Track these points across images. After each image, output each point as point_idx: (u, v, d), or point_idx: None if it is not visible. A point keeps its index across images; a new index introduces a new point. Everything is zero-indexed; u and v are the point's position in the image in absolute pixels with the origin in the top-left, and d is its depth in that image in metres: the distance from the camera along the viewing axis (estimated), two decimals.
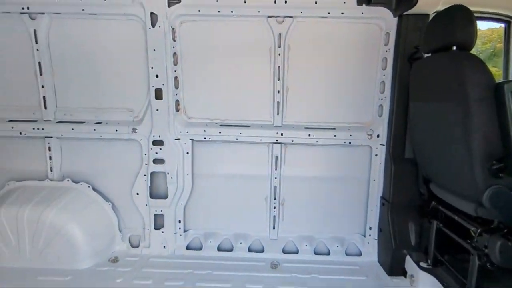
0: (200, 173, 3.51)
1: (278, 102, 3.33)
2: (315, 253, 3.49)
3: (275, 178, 3.46)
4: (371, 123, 3.36)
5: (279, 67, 3.26)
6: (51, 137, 3.49)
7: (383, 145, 3.30)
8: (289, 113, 3.38)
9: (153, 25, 3.17)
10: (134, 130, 3.38)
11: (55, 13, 3.25)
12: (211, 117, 3.42)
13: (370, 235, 3.46)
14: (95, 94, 3.45)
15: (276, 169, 3.44)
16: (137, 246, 3.55)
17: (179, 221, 3.51)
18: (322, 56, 3.27)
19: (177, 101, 3.36)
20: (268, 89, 3.33)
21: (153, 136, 3.37)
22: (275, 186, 3.47)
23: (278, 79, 3.29)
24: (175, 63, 3.29)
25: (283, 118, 3.38)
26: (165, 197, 3.45)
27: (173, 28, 3.22)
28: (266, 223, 3.56)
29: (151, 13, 3.14)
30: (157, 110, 3.31)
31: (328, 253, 3.50)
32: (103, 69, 3.40)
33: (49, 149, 3.53)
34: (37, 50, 3.34)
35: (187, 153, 3.41)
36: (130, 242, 3.57)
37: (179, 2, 3.15)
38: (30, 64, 3.39)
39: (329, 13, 3.11)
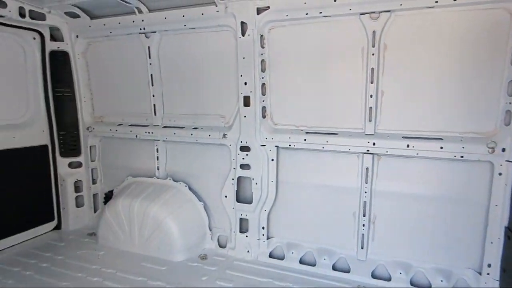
0: (285, 180, 3.45)
1: (370, 107, 3.00)
2: (412, 284, 3.01)
3: (365, 192, 3.11)
4: (493, 133, 2.68)
5: (372, 68, 2.92)
6: (159, 140, 4.00)
7: (511, 161, 2.61)
8: (383, 120, 3.00)
9: (243, 33, 3.27)
10: (224, 136, 3.55)
11: (164, 30, 3.71)
12: (297, 123, 3.32)
13: (488, 274, 2.76)
14: (194, 101, 3.78)
15: (366, 183, 3.10)
16: (224, 247, 3.72)
17: (263, 228, 3.52)
18: (426, 53, 2.79)
19: (263, 107, 3.39)
20: (359, 93, 3.03)
21: (241, 142, 3.47)
22: (365, 201, 3.13)
23: (371, 82, 2.95)
24: (263, 70, 3.32)
25: (376, 125, 3.02)
26: (250, 202, 3.52)
27: (262, 35, 3.26)
28: (353, 241, 3.24)
29: (242, 22, 3.25)
30: (245, 116, 3.40)
31: (429, 287, 2.98)
32: (201, 78, 3.69)
33: (157, 150, 4.05)
34: (150, 64, 3.87)
35: (272, 159, 3.40)
36: (218, 242, 3.77)
37: (267, 9, 3.18)
38: (145, 77, 3.95)
39: (436, 1, 2.63)
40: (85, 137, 4.39)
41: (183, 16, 3.48)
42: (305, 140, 3.20)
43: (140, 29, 3.76)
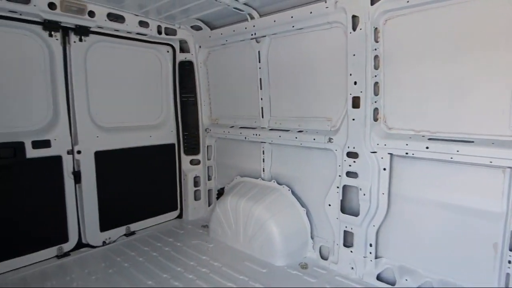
0: (399, 194, 2.95)
1: None
2: None
3: None
4: None
5: None
6: (265, 142, 4.03)
7: None
8: None
9: (354, 28, 2.95)
10: (330, 140, 3.29)
11: (273, 34, 3.70)
12: (416, 128, 2.78)
13: None
14: (300, 104, 3.66)
15: None
16: (326, 259, 3.45)
17: (370, 245, 3.10)
18: None
19: (375, 109, 2.98)
20: (504, 91, 2.32)
21: (348, 147, 3.15)
22: None
23: None
24: (376, 67, 2.93)
25: None
26: (357, 214, 3.15)
27: (376, 28, 2.87)
28: (492, 279, 2.50)
29: (353, 16, 2.94)
30: (353, 119, 3.06)
31: None
32: (307, 80, 3.54)
33: (263, 152, 4.09)
34: (259, 68, 3.93)
35: (384, 169, 2.96)
36: (320, 252, 3.53)
37: None
38: (254, 81, 4.03)
39: None
40: (203, 137, 4.83)
41: (292, 17, 3.39)
42: (427, 148, 2.64)
43: (252, 34, 3.86)
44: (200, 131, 4.85)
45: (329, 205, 3.36)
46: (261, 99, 4.00)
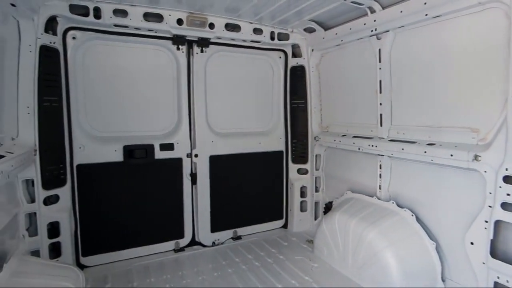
0: None
1: None
2: None
3: None
4: None
5: None
6: (383, 155, 3.40)
7: None
8: None
9: None
10: (476, 158, 2.46)
11: (398, 27, 3.08)
12: None
13: None
14: (432, 110, 2.92)
15: None
16: None
17: None
18: None
19: None
20: None
21: (506, 170, 2.28)
22: None
23: None
24: None
25: None
26: None
27: None
28: None
29: None
30: None
31: None
32: (443, 79, 2.80)
33: (380, 167, 3.47)
34: (380, 68, 3.34)
35: None
36: None
37: None
38: (372, 84, 3.46)
39: None
40: (312, 146, 4.47)
41: (425, 3, 2.72)
42: None
43: (372, 30, 3.32)
44: (309, 139, 4.52)
45: (472, 243, 2.53)
46: (380, 104, 3.39)
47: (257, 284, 3.25)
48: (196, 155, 4.13)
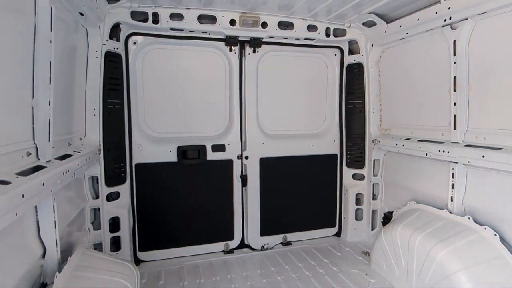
0: None
1: None
2: None
3: None
4: None
5: None
6: (457, 163, 2.92)
7: None
8: None
9: None
10: None
11: (480, 13, 2.61)
12: None
13: None
14: None
15: None
16: None
17: None
18: None
19: None
20: None
21: None
22: None
23: None
24: None
25: None
26: None
27: None
28: None
29: None
30: None
31: None
32: None
33: (453, 175, 2.99)
34: (454, 63, 2.88)
35: None
36: None
37: None
38: (444, 81, 3.02)
39: None
40: (370, 150, 4.08)
41: None
42: None
43: (445, 19, 2.88)
44: (366, 142, 4.14)
45: None
46: (454, 104, 2.91)
47: None
48: (246, 157, 4.04)
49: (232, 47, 3.89)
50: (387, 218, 3.79)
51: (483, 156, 2.61)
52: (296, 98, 4.25)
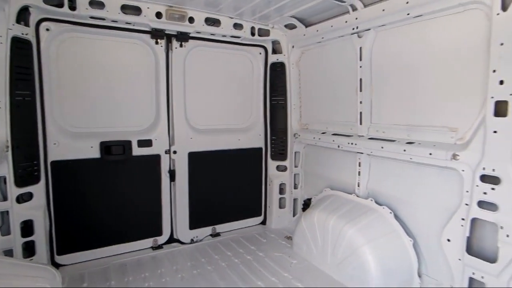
0: None
1: None
2: None
3: None
4: None
5: None
6: (362, 153, 3.29)
7: None
8: None
9: (504, 8, 2.04)
10: (454, 157, 2.39)
11: (379, 26, 2.96)
12: None
13: None
14: (411, 109, 2.83)
15: None
16: None
17: None
18: None
19: None
20: None
21: (483, 169, 2.22)
22: None
23: None
24: None
25: None
26: (493, 260, 2.20)
27: None
28: None
29: None
30: (495, 132, 2.13)
31: None
32: (423, 79, 2.70)
33: (359, 164, 3.36)
34: (360, 67, 3.22)
35: None
36: None
37: None
38: (353, 82, 3.34)
39: None
40: (292, 143, 4.30)
41: (407, 2, 2.60)
42: None
43: (353, 28, 3.19)
44: (288, 136, 4.34)
45: (448, 240, 2.47)
46: (360, 102, 3.26)
47: (237, 282, 3.09)
48: (174, 152, 3.88)
49: (158, 40, 3.67)
50: (307, 204, 4.07)
51: (382, 147, 3.00)
52: (223, 93, 4.23)
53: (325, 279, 3.09)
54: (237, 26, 3.94)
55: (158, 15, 3.46)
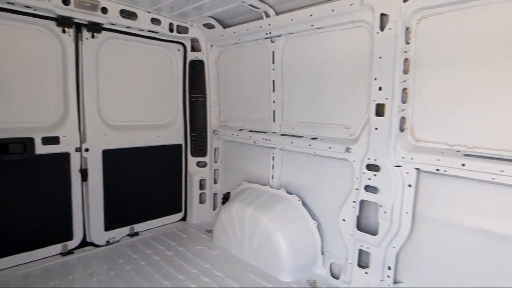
0: (426, 214, 2.43)
1: None
2: None
3: None
4: None
5: None
6: (275, 148, 3.54)
7: None
8: None
9: (382, 28, 2.46)
10: (348, 150, 2.79)
11: (289, 33, 3.22)
12: (450, 141, 2.27)
13: None
14: (315, 109, 3.16)
15: None
16: (337, 278, 2.97)
17: (389, 268, 2.59)
18: None
19: (402, 118, 2.47)
20: None
21: (368, 159, 2.65)
22: None
23: None
24: (406, 72, 2.42)
25: None
26: (375, 233, 2.65)
27: (408, 28, 2.36)
28: None
29: (381, 15, 2.44)
30: (376, 128, 2.56)
31: None
32: (325, 83, 3.05)
33: (273, 158, 3.60)
34: (273, 69, 3.44)
35: (409, 185, 2.44)
36: (330, 270, 3.05)
37: None
38: (267, 83, 3.55)
39: None
40: (211, 139, 4.35)
41: (311, 15, 2.91)
42: (463, 165, 2.13)
43: (266, 33, 3.38)
44: (208, 132, 4.36)
45: (344, 220, 2.87)
46: (273, 102, 3.50)
47: (158, 278, 3.01)
48: (86, 150, 3.52)
49: (66, 29, 3.25)
50: (226, 198, 4.17)
51: (292, 142, 3.29)
52: (141, 89, 4.00)
53: (243, 266, 3.24)
54: (155, 21, 3.77)
55: (66, 1, 3.07)
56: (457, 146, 2.23)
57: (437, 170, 2.26)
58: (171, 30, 3.95)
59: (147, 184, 4.13)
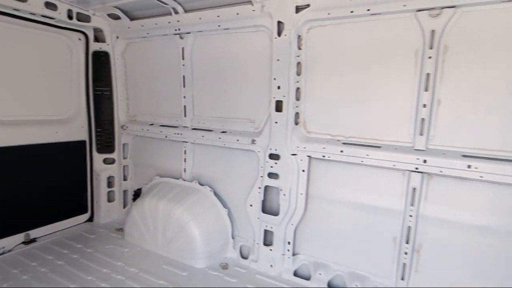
0: (316, 194, 2.85)
1: (423, 119, 2.32)
2: None
3: (410, 216, 2.43)
4: None
5: (428, 74, 2.25)
6: (187, 142, 3.55)
7: None
8: (438, 135, 2.30)
9: (279, 34, 2.73)
10: (253, 142, 3.02)
11: (198, 31, 3.26)
12: (332, 132, 2.70)
13: None
14: (224, 104, 3.30)
15: (412, 205, 2.42)
16: (246, 258, 3.19)
17: (288, 243, 2.95)
18: (496, 57, 2.07)
19: (297, 113, 2.82)
20: (409, 102, 2.36)
21: (270, 149, 2.92)
22: (409, 227, 2.45)
23: (426, 90, 2.28)
24: (298, 73, 2.76)
25: (429, 140, 2.33)
26: (277, 214, 2.96)
27: (299, 35, 2.69)
28: (392, 270, 2.56)
29: (278, 22, 2.72)
30: (276, 122, 2.85)
31: None
32: (232, 81, 3.21)
33: (185, 152, 3.61)
34: (183, 65, 3.44)
35: (303, 170, 2.81)
36: (240, 252, 3.25)
37: (307, 7, 2.62)
38: (177, 78, 3.53)
39: None
40: (119, 135, 4.06)
41: (218, 16, 3.01)
42: (341, 151, 2.58)
43: (175, 30, 3.34)
44: (115, 127, 4.05)
45: (251, 205, 3.10)
46: (184, 97, 3.50)
47: (63, 282, 2.73)
48: None
49: None
50: (137, 194, 3.98)
51: (203, 136, 3.37)
52: (34, 80, 3.46)
53: (157, 259, 3.19)
54: (50, 5, 3.29)
55: None
56: (338, 136, 2.68)
57: (323, 156, 2.67)
58: (70, 17, 3.51)
59: (45, 185, 3.63)
